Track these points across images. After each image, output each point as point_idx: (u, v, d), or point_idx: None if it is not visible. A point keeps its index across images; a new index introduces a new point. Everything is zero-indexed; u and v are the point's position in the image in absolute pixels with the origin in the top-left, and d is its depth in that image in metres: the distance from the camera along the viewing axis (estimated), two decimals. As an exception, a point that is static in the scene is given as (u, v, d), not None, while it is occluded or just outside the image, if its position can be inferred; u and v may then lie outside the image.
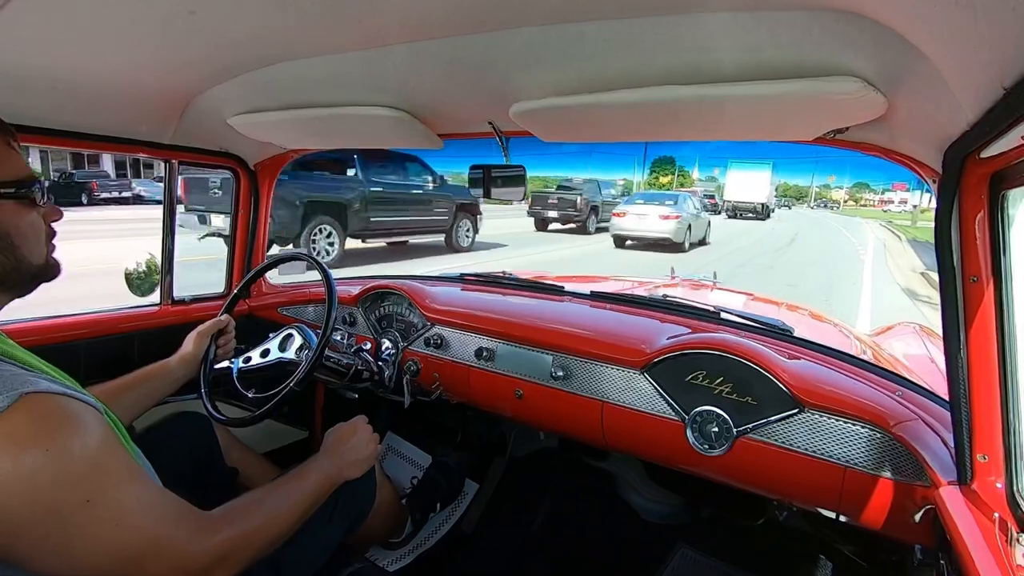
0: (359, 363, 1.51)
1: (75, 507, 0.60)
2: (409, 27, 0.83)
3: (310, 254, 1.59)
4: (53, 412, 0.61)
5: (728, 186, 28.93)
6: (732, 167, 28.12)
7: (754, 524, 1.65)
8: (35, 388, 0.60)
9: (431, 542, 1.74)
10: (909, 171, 0.96)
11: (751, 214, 26.99)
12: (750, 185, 26.95)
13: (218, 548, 0.76)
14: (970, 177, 0.75)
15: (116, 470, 0.66)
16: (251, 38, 0.91)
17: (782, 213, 41.18)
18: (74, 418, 0.63)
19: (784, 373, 1.12)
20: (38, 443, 0.58)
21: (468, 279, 1.99)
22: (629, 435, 1.32)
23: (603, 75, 0.90)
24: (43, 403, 0.60)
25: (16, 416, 0.57)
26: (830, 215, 43.99)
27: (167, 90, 1.20)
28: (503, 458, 1.97)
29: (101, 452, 0.64)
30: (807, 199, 75.82)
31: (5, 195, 0.70)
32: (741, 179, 27.46)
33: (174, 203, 1.66)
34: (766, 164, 27.18)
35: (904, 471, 0.98)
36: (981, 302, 0.76)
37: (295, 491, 0.97)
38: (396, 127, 1.25)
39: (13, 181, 0.71)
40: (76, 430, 0.62)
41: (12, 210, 0.71)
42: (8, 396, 0.58)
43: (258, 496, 0.92)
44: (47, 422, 0.60)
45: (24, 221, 0.73)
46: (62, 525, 0.60)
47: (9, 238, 0.71)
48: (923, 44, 0.60)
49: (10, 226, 0.71)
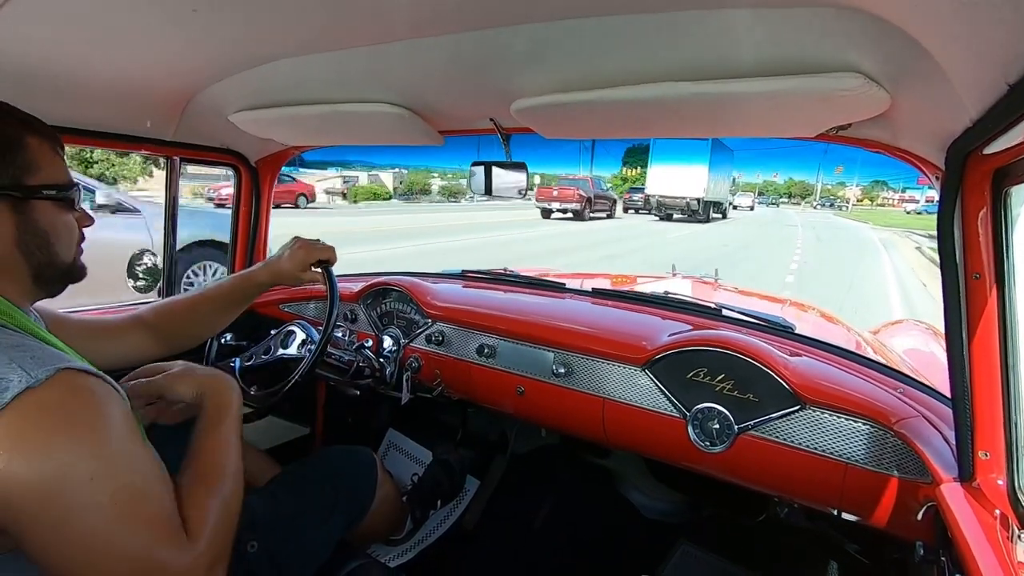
0: (360, 360, 1.51)
1: (80, 480, 0.60)
2: (411, 24, 0.83)
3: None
4: (83, 388, 0.64)
5: (651, 179, 22.38)
6: (655, 162, 21.91)
7: (755, 521, 1.66)
8: (73, 365, 0.64)
9: (432, 538, 1.74)
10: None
11: (679, 213, 21.40)
12: (680, 178, 20.70)
13: (207, 564, 0.71)
14: (973, 174, 0.74)
15: (130, 457, 0.67)
16: (253, 35, 0.91)
17: (759, 214, 35.45)
18: (101, 396, 0.65)
19: (785, 370, 1.12)
20: (64, 415, 0.61)
21: (469, 276, 1.99)
22: (630, 432, 1.32)
23: (605, 72, 0.90)
24: (77, 379, 0.63)
25: (50, 388, 0.60)
26: (833, 216, 39.14)
27: (169, 87, 1.20)
28: (504, 455, 1.97)
29: (117, 436, 0.65)
30: (813, 197, 68.41)
31: (48, 196, 0.76)
32: (667, 172, 21.19)
33: (176, 201, 1.66)
34: (702, 159, 20.42)
35: (906, 468, 0.98)
36: (983, 299, 0.76)
37: (232, 463, 0.85)
38: (397, 124, 1.25)
39: (56, 184, 0.77)
40: (100, 407, 0.64)
41: (52, 211, 0.77)
42: (46, 370, 0.61)
43: (208, 489, 0.79)
44: (75, 397, 0.63)
45: (61, 222, 0.79)
46: (61, 498, 0.60)
47: (46, 235, 0.77)
48: (926, 40, 0.59)
49: (48, 225, 0.77)
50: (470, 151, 1.56)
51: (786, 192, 75.07)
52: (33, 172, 0.74)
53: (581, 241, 13.80)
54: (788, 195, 73.01)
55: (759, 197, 64.57)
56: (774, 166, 70.40)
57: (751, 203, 44.45)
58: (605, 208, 21.81)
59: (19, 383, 0.58)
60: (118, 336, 1.08)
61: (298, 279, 1.23)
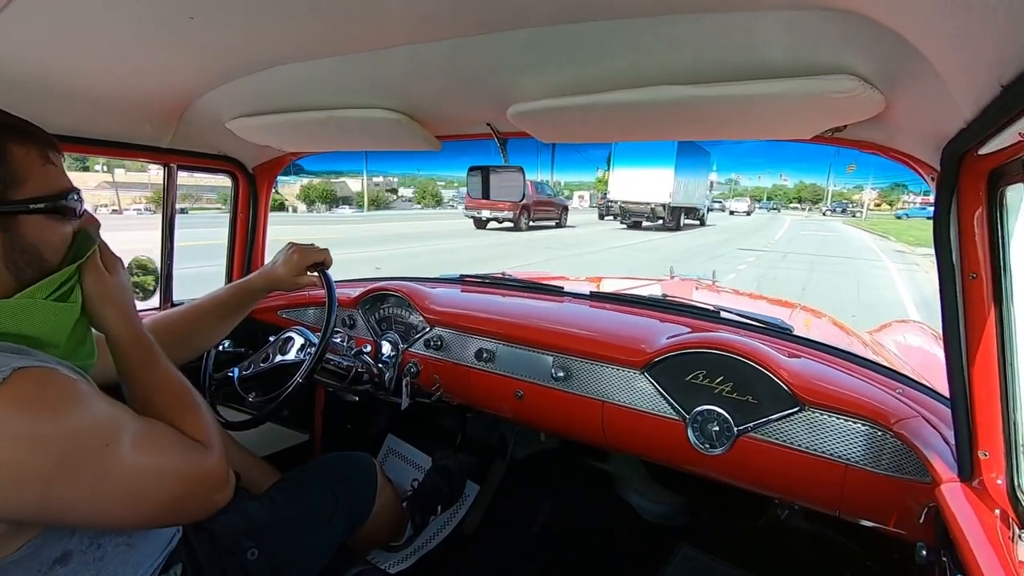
0: (359, 365, 1.51)
1: (96, 451, 0.63)
2: (406, 30, 0.83)
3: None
4: (47, 379, 0.62)
5: (613, 184, 20.59)
6: (617, 165, 20.00)
7: (756, 523, 1.65)
8: (27, 364, 0.61)
9: (432, 544, 1.73)
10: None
11: (646, 220, 19.67)
12: (644, 183, 19.00)
13: (220, 449, 0.81)
14: (968, 174, 0.75)
15: (122, 416, 0.69)
16: (249, 42, 0.91)
17: (745, 222, 30.07)
18: (73, 383, 0.64)
19: (784, 371, 1.12)
20: (42, 404, 0.60)
21: (467, 280, 1.99)
22: (630, 435, 1.31)
23: (600, 76, 0.90)
24: (36, 373, 0.61)
25: (12, 385, 0.58)
26: (841, 225, 31.10)
27: (166, 94, 1.20)
28: (503, 460, 1.97)
29: (101, 405, 0.66)
30: (824, 201, 58.82)
31: (35, 210, 0.69)
32: (631, 176, 19.50)
33: (174, 207, 1.66)
34: (667, 162, 18.58)
35: (905, 468, 0.98)
36: (981, 299, 0.77)
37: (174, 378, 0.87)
38: (394, 129, 1.26)
39: (47, 196, 0.71)
40: (81, 391, 0.64)
41: (42, 224, 0.71)
42: (2, 370, 0.59)
43: (174, 406, 0.82)
44: (45, 388, 0.61)
45: (55, 235, 0.73)
46: (89, 468, 0.62)
47: (37, 251, 0.70)
48: (920, 42, 0.60)
49: (38, 240, 0.70)
50: (468, 154, 1.55)
51: (795, 196, 67.65)
52: (18, 185, 0.67)
53: (482, 255, 11.69)
54: (798, 199, 65.49)
55: (766, 202, 61.03)
56: (782, 168, 64.64)
57: (747, 208, 42.67)
58: (552, 216, 19.36)
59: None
60: None
61: (295, 283, 1.24)
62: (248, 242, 1.84)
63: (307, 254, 1.24)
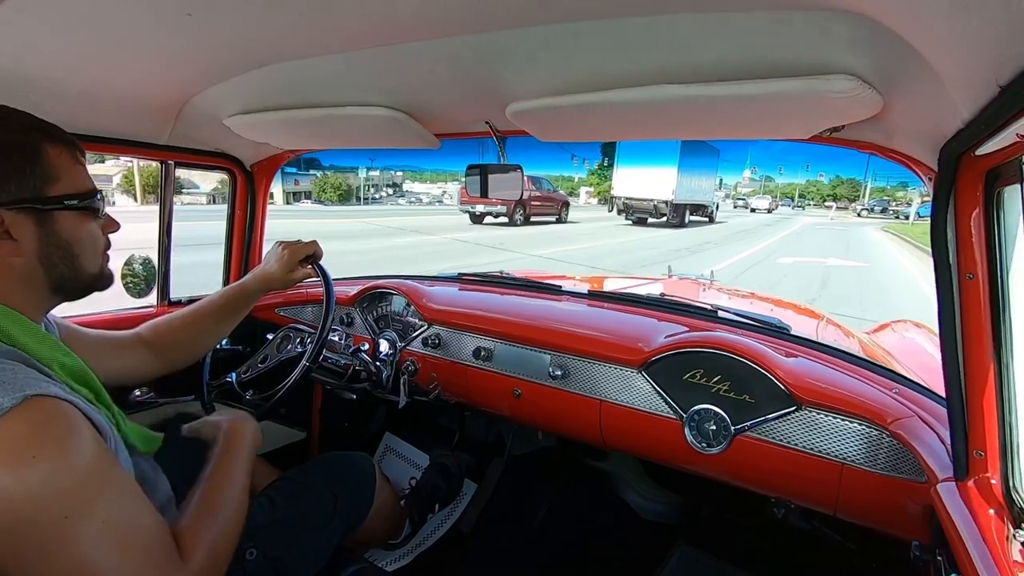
0: (357, 363, 1.51)
1: (54, 519, 0.59)
2: (405, 28, 0.83)
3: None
4: (53, 417, 0.61)
5: (617, 181, 20.63)
6: (622, 163, 20.20)
7: (753, 522, 1.66)
8: (42, 392, 0.60)
9: (430, 542, 1.73)
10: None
11: (650, 216, 19.78)
12: (647, 180, 19.14)
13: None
14: (965, 175, 0.75)
15: (105, 490, 0.65)
16: (247, 39, 0.91)
17: (757, 220, 26.59)
18: (72, 426, 0.62)
19: (781, 371, 1.12)
20: (29, 448, 0.58)
21: (466, 279, 1.99)
22: (627, 434, 1.32)
23: (599, 75, 0.90)
24: (45, 406, 0.60)
25: (16, 418, 0.57)
26: (873, 231, 22.13)
27: (163, 91, 1.20)
28: (501, 458, 1.97)
29: (91, 468, 0.63)
30: (861, 198, 48.74)
31: (70, 207, 0.73)
32: (634, 174, 19.71)
33: (171, 204, 1.66)
34: (671, 160, 18.60)
35: (901, 468, 0.99)
36: (977, 299, 0.77)
37: (234, 486, 0.90)
38: (393, 127, 1.25)
39: (77, 194, 0.74)
40: (70, 439, 0.61)
41: (75, 221, 0.75)
42: (13, 397, 0.58)
43: (207, 508, 0.84)
44: (44, 427, 0.60)
45: (84, 232, 0.76)
46: (37, 538, 0.59)
47: (70, 247, 0.74)
48: (918, 43, 0.60)
49: (71, 236, 0.74)
50: (467, 152, 1.55)
51: (830, 194, 58.21)
52: (53, 182, 0.71)
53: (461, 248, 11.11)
54: (833, 197, 55.71)
55: (788, 200, 56.18)
56: (821, 165, 56.17)
57: (769, 205, 40.01)
58: (551, 212, 19.32)
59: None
60: (122, 352, 1.07)
61: (289, 280, 1.24)
62: (246, 240, 1.84)
63: (297, 250, 1.25)
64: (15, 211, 0.68)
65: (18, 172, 0.68)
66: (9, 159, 0.68)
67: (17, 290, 0.71)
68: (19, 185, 0.68)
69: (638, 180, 19.63)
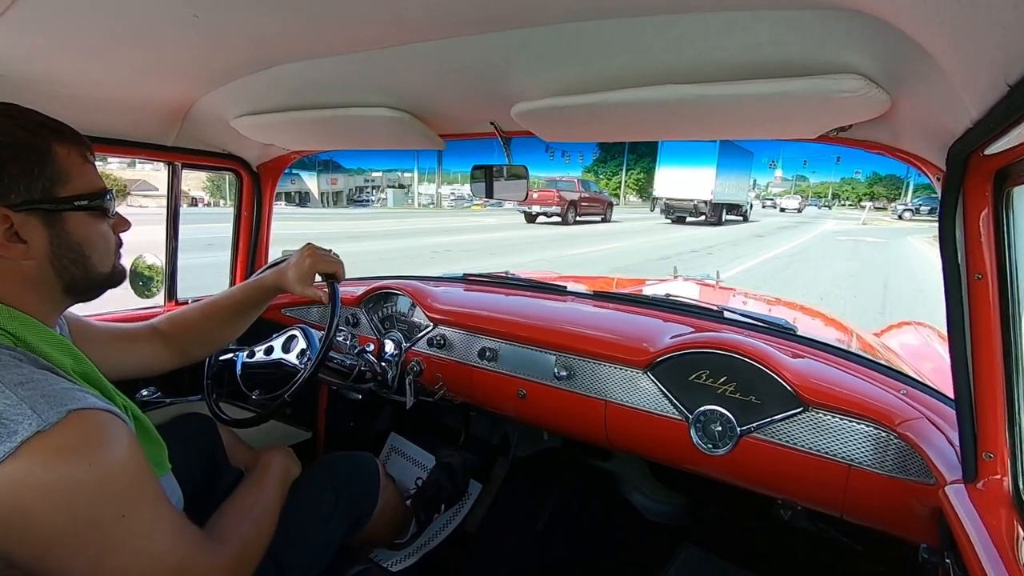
0: (362, 364, 1.51)
1: (112, 520, 0.62)
2: (410, 28, 0.83)
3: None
4: (97, 428, 0.63)
5: (658, 181, 22.05)
6: (663, 164, 21.56)
7: (759, 524, 1.65)
8: (83, 404, 0.62)
9: (435, 542, 1.74)
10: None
11: (690, 216, 20.87)
12: (688, 181, 20.32)
13: (232, 566, 0.80)
14: (974, 175, 0.74)
15: (148, 489, 0.68)
16: (253, 41, 0.91)
17: (784, 220, 25.44)
18: (115, 435, 0.64)
19: (787, 372, 1.11)
20: (82, 457, 0.60)
21: (471, 279, 1.99)
22: (632, 435, 1.31)
23: (604, 75, 0.90)
24: (89, 418, 0.62)
25: (64, 430, 0.59)
26: (910, 238, 16.45)
27: (170, 93, 1.21)
28: (506, 458, 1.97)
29: (137, 471, 0.66)
30: (903, 195, 42.91)
31: (80, 207, 0.73)
32: (675, 175, 20.95)
33: (178, 205, 1.67)
34: (709, 161, 19.75)
35: (909, 470, 0.98)
36: (986, 300, 0.76)
37: (266, 496, 1.00)
38: (398, 128, 1.26)
39: (87, 194, 0.74)
40: (116, 447, 0.64)
41: (85, 221, 0.74)
42: (57, 411, 0.59)
43: (240, 508, 0.94)
44: (92, 438, 0.62)
45: (95, 232, 0.76)
46: (98, 537, 0.62)
47: (81, 248, 0.74)
48: (926, 41, 0.59)
49: (82, 237, 0.74)
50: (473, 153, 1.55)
51: (867, 192, 54.58)
52: (63, 182, 0.71)
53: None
54: (870, 196, 51.58)
55: (830, 199, 54.82)
56: (853, 163, 52.53)
57: (799, 205, 39.63)
58: (597, 212, 20.54)
59: (29, 426, 0.57)
60: (135, 345, 1.08)
61: (300, 292, 1.20)
62: (252, 240, 1.85)
63: (320, 262, 1.20)
64: (24, 213, 0.68)
65: (27, 173, 0.68)
66: (17, 159, 0.67)
67: (30, 294, 0.71)
68: (28, 186, 0.68)
69: (679, 181, 20.87)
